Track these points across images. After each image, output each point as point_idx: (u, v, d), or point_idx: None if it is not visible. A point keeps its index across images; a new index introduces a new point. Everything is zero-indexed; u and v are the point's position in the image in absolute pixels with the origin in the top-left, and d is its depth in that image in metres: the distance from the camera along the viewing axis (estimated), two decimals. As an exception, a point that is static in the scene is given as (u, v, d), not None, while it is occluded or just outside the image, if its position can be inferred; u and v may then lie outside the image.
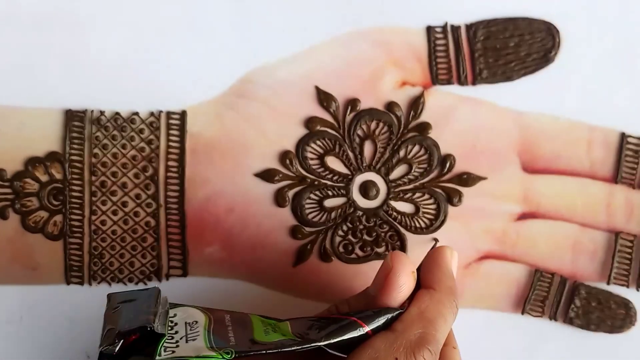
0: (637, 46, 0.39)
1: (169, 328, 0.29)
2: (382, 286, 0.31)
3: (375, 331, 0.30)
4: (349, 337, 0.29)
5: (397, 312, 0.31)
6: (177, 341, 0.28)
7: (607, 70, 0.39)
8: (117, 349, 0.26)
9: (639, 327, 0.39)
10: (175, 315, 0.30)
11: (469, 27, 0.39)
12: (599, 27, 0.39)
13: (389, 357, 0.28)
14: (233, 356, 0.27)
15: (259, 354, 0.28)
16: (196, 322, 0.30)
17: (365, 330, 0.30)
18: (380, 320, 0.30)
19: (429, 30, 0.39)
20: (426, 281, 0.32)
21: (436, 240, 0.39)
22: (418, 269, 0.33)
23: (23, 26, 0.38)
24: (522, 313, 0.40)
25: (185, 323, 0.29)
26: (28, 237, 0.38)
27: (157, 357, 0.27)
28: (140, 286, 0.39)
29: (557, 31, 0.39)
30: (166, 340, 0.28)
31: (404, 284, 0.31)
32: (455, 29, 0.39)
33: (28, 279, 0.39)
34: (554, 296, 0.39)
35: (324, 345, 0.29)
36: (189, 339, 0.28)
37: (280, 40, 0.39)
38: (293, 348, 0.29)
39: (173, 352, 0.27)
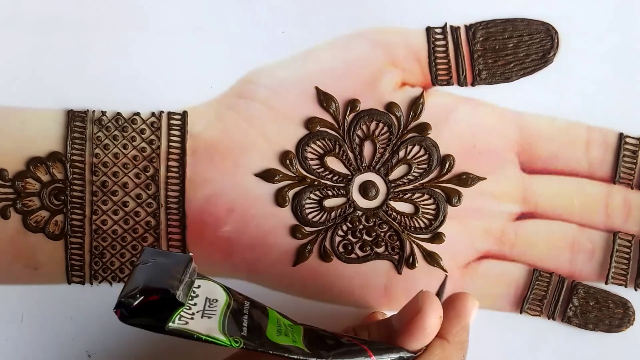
0: (635, 47, 0.39)
1: (190, 298, 0.29)
2: (407, 324, 0.31)
3: None
4: None
5: (410, 355, 0.31)
6: (193, 313, 0.28)
7: (605, 71, 0.39)
8: (135, 302, 0.26)
9: (637, 326, 0.39)
10: (199, 286, 0.30)
11: (468, 28, 0.39)
12: (597, 28, 0.39)
13: None
14: (241, 346, 0.27)
15: (265, 352, 0.28)
16: (216, 300, 0.29)
17: None
18: (389, 357, 0.30)
19: (429, 31, 0.39)
20: (443, 330, 0.32)
21: (446, 276, 0.39)
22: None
23: (25, 27, 0.38)
24: (521, 312, 0.40)
25: (206, 298, 0.29)
26: (29, 236, 0.38)
27: (170, 324, 0.27)
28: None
29: (556, 32, 0.39)
30: (184, 310, 0.28)
31: (430, 327, 0.31)
32: (455, 30, 0.39)
33: (29, 278, 0.39)
34: (552, 295, 0.39)
35: None
36: (205, 314, 0.28)
37: (280, 41, 0.39)
38: (298, 358, 0.29)
39: (186, 322, 0.27)
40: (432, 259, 0.39)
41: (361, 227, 0.39)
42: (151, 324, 0.26)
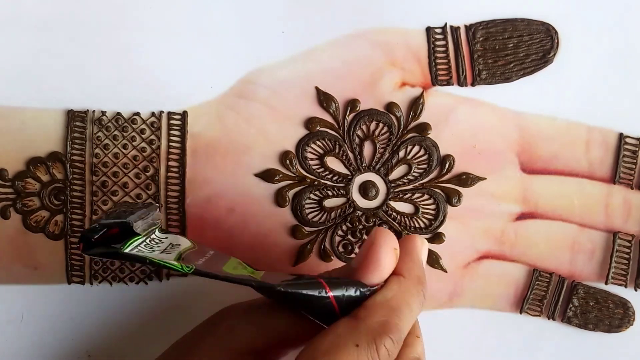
0: (635, 47, 0.39)
1: (155, 242, 0.31)
2: (363, 259, 0.31)
3: (337, 297, 0.30)
4: (306, 292, 0.30)
5: (367, 288, 0.31)
6: (153, 250, 0.30)
7: (605, 71, 0.39)
8: (96, 235, 0.29)
9: (637, 326, 0.39)
10: (166, 237, 0.32)
11: (468, 28, 0.39)
12: (597, 28, 0.39)
13: (350, 343, 0.28)
14: (192, 271, 0.29)
15: (214, 278, 0.29)
16: (179, 245, 0.32)
17: (328, 294, 0.30)
18: (346, 290, 0.30)
19: (429, 31, 0.39)
20: (395, 269, 0.32)
21: (403, 232, 0.39)
22: None
23: (25, 27, 0.38)
24: (521, 312, 0.40)
25: (170, 244, 0.31)
26: (29, 236, 0.38)
27: (122, 248, 0.29)
28: (141, 285, 0.39)
29: (556, 32, 0.39)
30: (143, 247, 0.30)
31: (384, 259, 0.31)
32: (455, 30, 0.39)
33: (29, 278, 0.39)
34: (552, 296, 0.39)
35: (279, 289, 0.29)
36: (164, 252, 0.30)
37: (280, 41, 0.39)
38: (249, 284, 0.30)
39: (143, 253, 0.29)
40: (432, 259, 0.39)
41: (361, 227, 0.39)
42: (109, 252, 0.29)
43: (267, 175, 0.39)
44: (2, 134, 0.38)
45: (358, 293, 0.30)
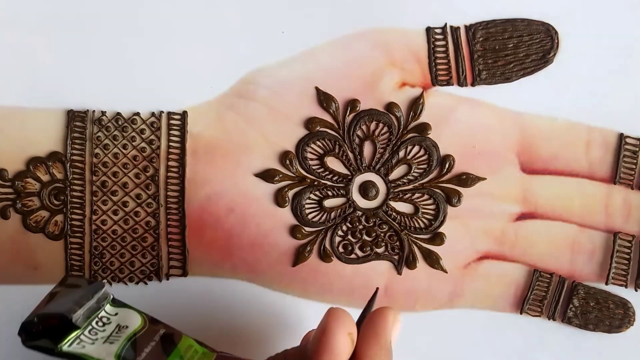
0: (635, 47, 0.39)
1: (101, 324, 0.30)
2: (316, 345, 0.29)
3: None
4: None
5: None
6: (97, 338, 0.29)
7: (605, 71, 0.39)
8: (34, 327, 0.28)
9: (637, 327, 0.39)
10: (116, 314, 0.30)
11: (468, 28, 0.39)
12: (597, 29, 0.39)
13: None
14: None
15: None
16: (127, 327, 0.30)
17: None
18: None
19: (429, 31, 0.39)
20: (360, 352, 0.29)
21: (377, 289, 0.34)
22: (359, 322, 0.31)
23: (25, 27, 0.38)
24: (521, 313, 0.40)
25: (118, 325, 0.30)
26: (29, 236, 0.38)
27: (61, 346, 0.28)
28: (141, 286, 0.39)
29: (556, 32, 0.39)
30: (88, 334, 0.29)
31: (337, 346, 0.28)
32: (455, 30, 0.39)
33: (29, 278, 0.39)
34: (553, 296, 0.39)
35: None
36: (109, 340, 0.29)
37: (280, 41, 0.39)
38: None
39: (84, 347, 0.28)
40: (432, 259, 0.39)
41: (361, 227, 0.39)
42: (47, 346, 0.28)
43: (267, 175, 0.39)
44: (2, 133, 0.38)
45: None
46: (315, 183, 0.39)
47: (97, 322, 0.29)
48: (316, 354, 0.28)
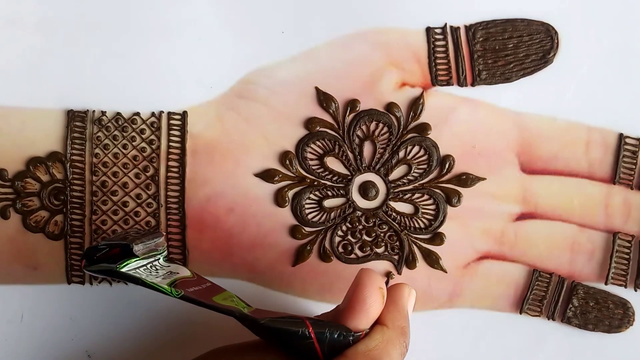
0: (635, 47, 0.39)
1: (155, 269, 0.32)
2: (349, 300, 0.31)
3: (320, 339, 0.30)
4: (288, 329, 0.30)
5: (351, 334, 0.31)
6: (150, 274, 0.31)
7: (605, 71, 0.39)
8: (99, 253, 0.31)
9: (637, 327, 0.39)
10: (168, 266, 0.33)
11: (468, 28, 0.39)
12: (597, 29, 0.39)
13: None
14: (180, 295, 0.30)
15: (200, 305, 0.30)
16: (178, 273, 0.32)
17: (309, 333, 0.30)
18: (330, 333, 0.30)
19: (429, 31, 0.39)
20: (380, 317, 0.32)
21: (390, 273, 0.39)
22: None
23: (26, 27, 0.38)
24: (520, 313, 0.40)
25: (170, 272, 0.32)
26: (29, 236, 0.38)
27: (117, 266, 0.30)
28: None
29: (556, 32, 0.39)
30: (142, 270, 0.31)
31: (369, 298, 0.31)
32: (455, 30, 0.39)
33: (29, 278, 0.39)
34: (552, 296, 0.39)
35: (262, 323, 0.30)
36: (162, 277, 0.31)
37: (280, 41, 0.39)
38: (232, 315, 0.30)
39: (140, 275, 0.31)
40: (431, 259, 0.39)
41: (361, 227, 0.39)
42: (107, 269, 0.30)
43: (267, 176, 0.39)
44: (2, 134, 0.38)
45: (341, 337, 0.30)
46: (315, 183, 0.39)
47: (151, 266, 0.32)
48: (350, 308, 0.31)
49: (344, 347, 0.30)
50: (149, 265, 0.32)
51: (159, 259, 0.33)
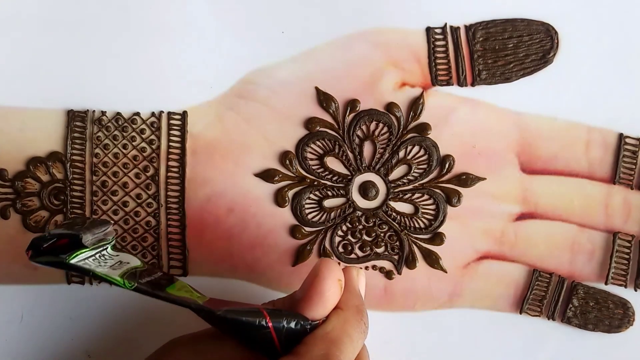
0: (635, 47, 0.39)
1: (104, 259, 0.31)
2: (307, 290, 0.31)
3: (277, 329, 0.30)
4: (245, 319, 0.29)
5: (308, 322, 0.31)
6: (100, 265, 0.30)
7: (605, 71, 0.39)
8: (45, 244, 0.29)
9: (637, 327, 0.39)
10: (117, 255, 0.32)
11: (468, 28, 0.39)
12: (597, 29, 0.39)
13: None
14: (133, 287, 0.29)
15: (154, 297, 0.30)
16: (129, 263, 0.32)
17: (267, 325, 0.30)
18: (287, 322, 0.30)
19: (429, 31, 0.39)
20: None
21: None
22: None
23: (26, 27, 0.38)
24: (520, 313, 0.40)
25: (120, 261, 0.32)
26: (29, 236, 0.38)
27: (67, 258, 0.29)
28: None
29: (556, 32, 0.39)
30: (91, 260, 0.30)
31: (328, 290, 0.31)
32: (455, 30, 0.39)
33: (29, 278, 0.39)
34: (552, 296, 0.39)
35: (218, 314, 0.29)
36: (112, 267, 0.31)
37: (280, 41, 0.39)
38: (188, 306, 0.30)
39: (89, 266, 0.30)
40: (431, 259, 0.39)
41: (361, 227, 0.39)
42: (55, 261, 0.29)
43: (267, 175, 0.39)
44: (2, 134, 0.38)
45: (299, 326, 0.30)
46: (315, 183, 0.39)
47: (100, 256, 0.31)
48: (308, 298, 0.31)
49: (302, 335, 0.30)
50: (97, 256, 0.31)
51: (107, 247, 0.32)
